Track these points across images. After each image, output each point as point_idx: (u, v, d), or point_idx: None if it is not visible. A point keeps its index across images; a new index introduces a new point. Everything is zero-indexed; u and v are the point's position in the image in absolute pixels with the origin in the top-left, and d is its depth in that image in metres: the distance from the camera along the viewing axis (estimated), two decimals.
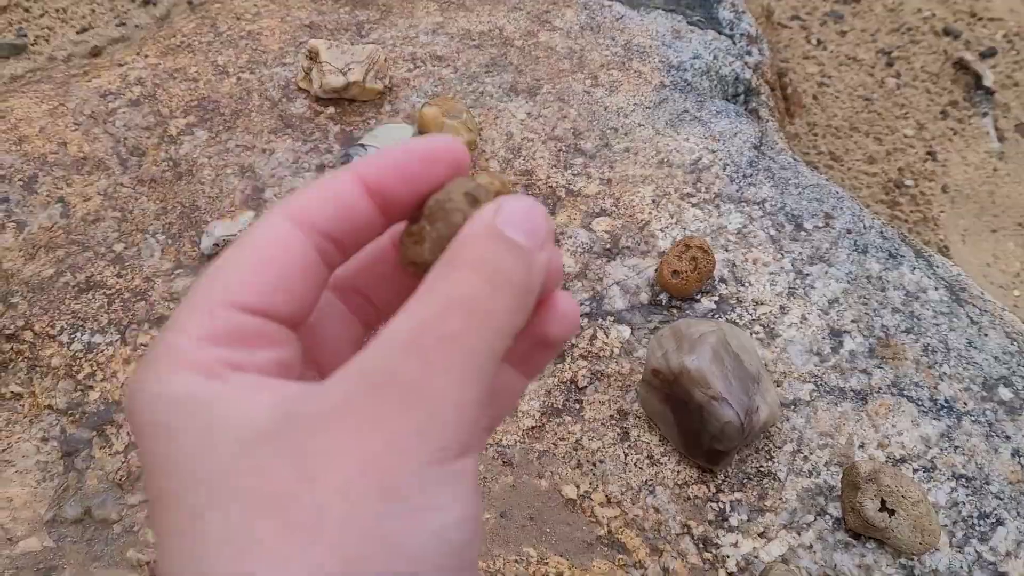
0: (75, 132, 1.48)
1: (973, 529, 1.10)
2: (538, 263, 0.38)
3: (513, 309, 0.37)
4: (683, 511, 1.12)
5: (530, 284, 0.38)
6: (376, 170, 0.42)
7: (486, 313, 0.36)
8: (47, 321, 1.25)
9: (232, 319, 0.38)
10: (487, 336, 0.36)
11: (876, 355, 1.25)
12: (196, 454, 0.35)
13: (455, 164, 0.43)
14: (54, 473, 1.13)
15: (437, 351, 0.34)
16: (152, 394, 0.36)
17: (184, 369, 0.36)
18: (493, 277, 0.37)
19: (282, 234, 0.40)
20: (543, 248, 0.39)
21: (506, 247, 0.38)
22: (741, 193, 1.45)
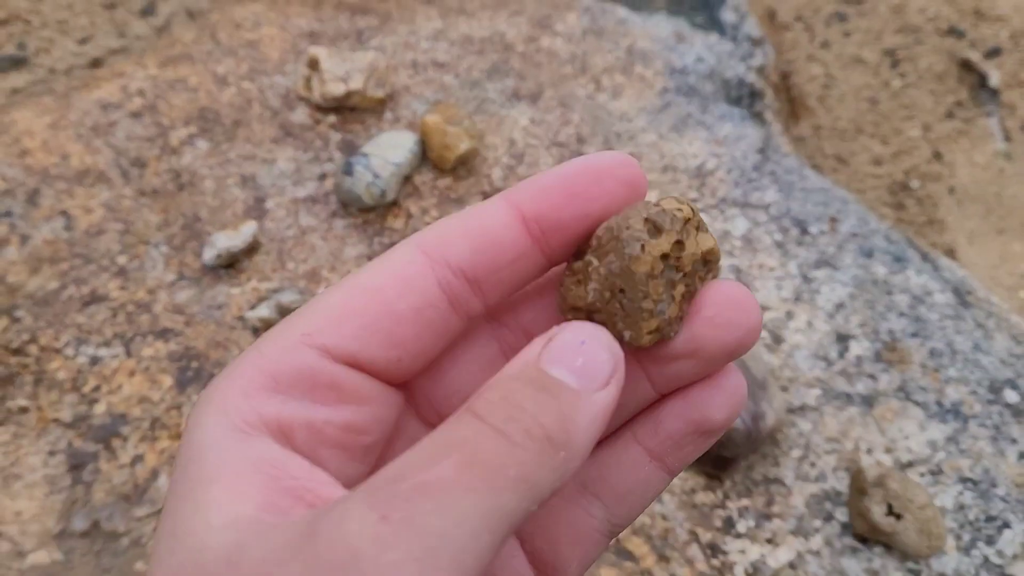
0: (77, 144, 1.48)
1: (980, 532, 1.09)
2: (590, 410, 0.32)
3: (545, 468, 0.30)
4: (690, 518, 1.11)
5: (576, 439, 0.31)
6: (531, 195, 0.36)
7: (496, 468, 0.29)
8: (52, 335, 1.25)
9: (304, 361, 0.34)
10: (492, 497, 0.29)
11: (882, 359, 1.25)
12: (176, 527, 0.32)
13: (631, 184, 0.37)
14: (62, 486, 1.13)
15: (402, 511, 0.28)
16: (191, 430, 0.34)
17: (218, 412, 0.34)
18: (519, 427, 0.30)
19: (401, 267, 0.36)
20: (604, 387, 0.32)
21: (546, 392, 0.31)
22: (746, 197, 1.45)
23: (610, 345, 0.33)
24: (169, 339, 1.25)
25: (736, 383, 0.37)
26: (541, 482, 0.30)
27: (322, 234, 1.38)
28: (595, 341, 0.32)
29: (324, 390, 0.34)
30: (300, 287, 1.31)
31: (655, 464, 0.39)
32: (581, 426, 0.31)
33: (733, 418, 0.37)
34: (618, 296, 0.36)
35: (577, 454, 0.31)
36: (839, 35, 2.20)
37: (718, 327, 0.36)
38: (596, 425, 0.32)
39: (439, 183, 1.44)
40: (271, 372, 0.34)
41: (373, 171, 1.36)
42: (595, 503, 0.39)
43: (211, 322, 1.27)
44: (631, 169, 0.37)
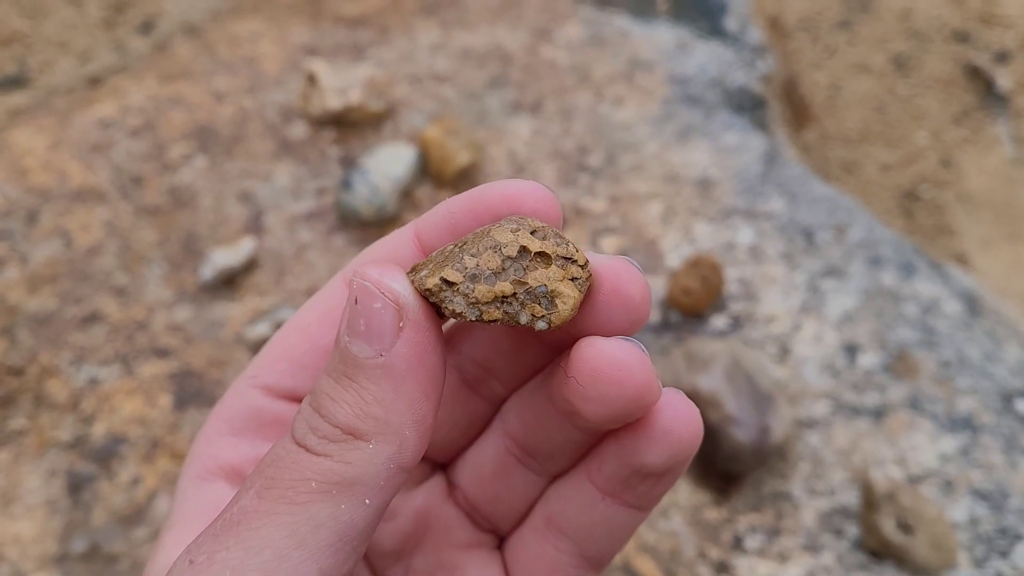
0: (76, 163, 1.47)
1: (993, 546, 1.07)
2: (391, 375, 0.31)
3: (356, 464, 0.30)
4: (699, 535, 1.09)
5: (386, 416, 0.31)
6: (427, 226, 0.36)
7: (295, 484, 0.30)
8: (51, 355, 1.24)
9: (251, 403, 0.37)
10: (296, 514, 0.30)
11: (891, 370, 1.22)
12: (146, 570, 0.34)
13: (522, 213, 0.35)
14: (61, 508, 1.12)
15: (207, 551, 0.30)
16: (180, 477, 0.37)
17: (190, 462, 0.36)
18: (317, 435, 0.31)
19: (325, 302, 0.37)
20: (396, 337, 0.31)
21: (344, 380, 0.31)
22: (751, 207, 1.43)
23: (384, 289, 0.31)
24: (168, 358, 1.24)
25: (668, 425, 0.34)
26: (359, 479, 0.30)
27: (321, 249, 1.36)
28: (365, 293, 0.31)
29: (270, 427, 0.36)
30: (299, 304, 1.29)
31: (611, 501, 0.37)
32: (388, 397, 0.31)
33: (677, 460, 0.34)
34: (451, 250, 0.34)
35: (395, 431, 0.31)
36: (844, 42, 2.19)
37: (587, 400, 0.33)
38: (410, 382, 0.31)
39: (440, 196, 1.43)
40: (227, 417, 0.36)
41: (372, 185, 1.35)
42: (561, 538, 0.39)
43: (209, 340, 1.26)
44: (526, 205, 0.35)
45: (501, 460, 0.40)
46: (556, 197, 0.35)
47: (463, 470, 0.42)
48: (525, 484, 0.40)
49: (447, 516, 0.42)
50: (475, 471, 0.41)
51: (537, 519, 0.40)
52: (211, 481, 0.36)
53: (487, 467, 0.41)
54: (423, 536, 0.41)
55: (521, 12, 1.83)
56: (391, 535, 0.41)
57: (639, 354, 0.32)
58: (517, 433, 0.40)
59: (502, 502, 0.41)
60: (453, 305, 0.33)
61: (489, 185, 0.35)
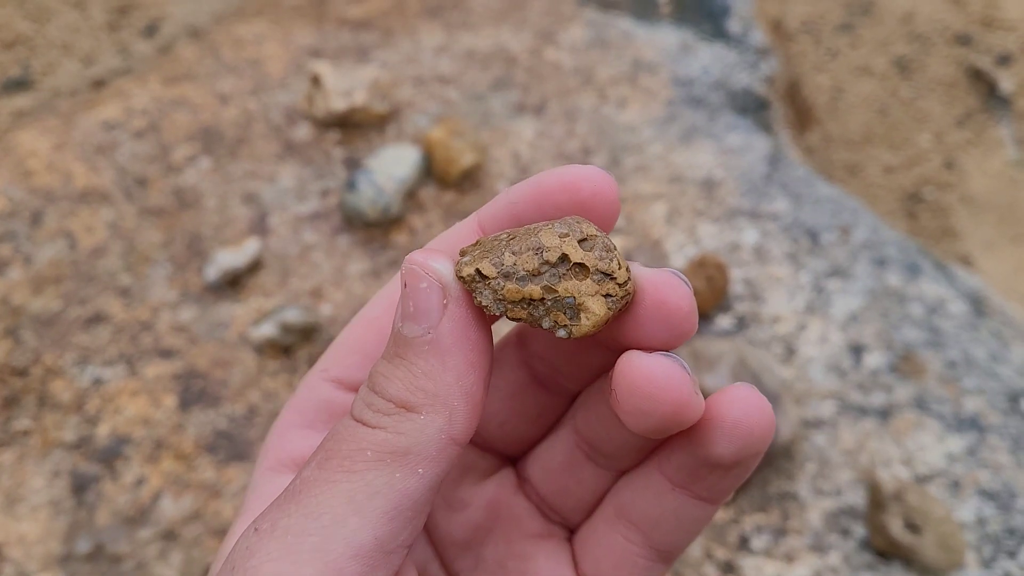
0: (80, 165, 1.47)
1: (1000, 546, 1.07)
2: (436, 351, 0.32)
3: (406, 434, 0.32)
4: (705, 535, 1.09)
5: (434, 389, 0.32)
6: (491, 215, 0.37)
7: (352, 454, 0.32)
8: (55, 355, 1.24)
9: (322, 396, 0.38)
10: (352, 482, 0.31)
11: (897, 370, 1.22)
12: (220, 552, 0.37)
13: (574, 206, 0.35)
14: (65, 508, 1.11)
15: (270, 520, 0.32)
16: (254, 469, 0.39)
17: (265, 452, 0.38)
18: (371, 410, 0.33)
19: (392, 294, 0.38)
20: (441, 314, 0.32)
21: (396, 359, 0.33)
22: (756, 208, 1.43)
23: (428, 271, 0.33)
24: (172, 359, 1.23)
25: (737, 418, 0.34)
26: (412, 448, 0.31)
27: (325, 251, 1.36)
28: (412, 276, 0.33)
29: (342, 417, 0.37)
30: (303, 304, 1.29)
31: (680, 492, 0.37)
32: (437, 370, 0.32)
33: (747, 452, 0.34)
34: (499, 240, 0.35)
35: (444, 402, 0.32)
36: (847, 45, 2.19)
37: (626, 413, 0.33)
38: (456, 354, 0.32)
39: (444, 198, 1.43)
40: (299, 410, 0.38)
41: (377, 186, 1.35)
42: (631, 529, 0.39)
43: (214, 341, 1.25)
44: (584, 189, 0.35)
45: (570, 454, 0.41)
46: (615, 183, 0.35)
47: (533, 464, 0.43)
48: (594, 478, 0.41)
49: (517, 507, 0.43)
50: (545, 464, 0.42)
51: (608, 510, 0.40)
52: (282, 473, 0.37)
53: (556, 461, 0.42)
54: (493, 527, 0.42)
55: (525, 14, 1.83)
56: (461, 525, 0.42)
57: (677, 371, 0.32)
58: (584, 430, 0.40)
59: (571, 495, 0.41)
60: (481, 297, 0.33)
61: (550, 172, 0.35)
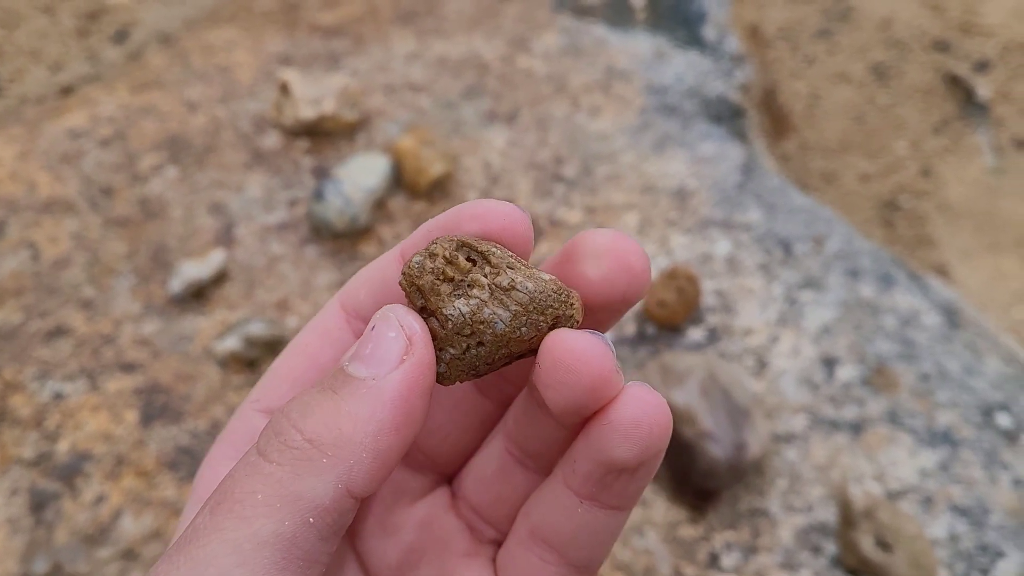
0: (45, 174, 1.45)
1: (973, 563, 1.05)
2: (376, 397, 0.31)
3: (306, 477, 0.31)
4: (674, 553, 1.07)
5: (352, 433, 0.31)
6: (412, 244, 0.37)
7: (243, 497, 0.30)
8: (15, 369, 1.21)
9: (254, 426, 0.38)
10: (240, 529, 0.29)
11: (870, 384, 1.21)
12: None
13: (496, 238, 0.35)
14: (23, 527, 1.09)
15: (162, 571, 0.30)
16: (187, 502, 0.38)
17: (196, 484, 0.38)
18: (277, 442, 0.31)
19: (322, 323, 0.38)
20: (396, 366, 0.32)
21: (327, 393, 0.32)
22: (728, 218, 1.41)
23: (401, 322, 0.32)
24: (134, 373, 1.21)
25: (631, 416, 0.33)
26: (304, 493, 0.30)
27: (292, 262, 1.34)
28: (385, 323, 0.32)
29: None
30: (269, 317, 1.27)
31: (589, 504, 0.36)
32: (361, 416, 0.31)
33: (648, 453, 0.34)
34: None
35: (351, 452, 0.31)
36: (824, 51, 2.18)
37: (547, 387, 0.33)
38: (388, 409, 0.31)
39: (413, 207, 1.41)
40: (231, 442, 0.37)
41: (344, 196, 1.33)
42: (546, 549, 0.38)
43: (177, 354, 1.23)
44: (495, 222, 0.35)
45: (502, 460, 0.41)
46: (526, 218, 0.35)
47: (467, 476, 0.42)
48: (525, 483, 0.40)
49: (448, 526, 0.42)
50: (478, 474, 0.42)
51: (521, 531, 0.39)
52: None
53: (489, 468, 0.41)
54: (426, 548, 0.41)
55: (498, 21, 1.82)
56: (395, 549, 0.41)
57: (600, 346, 0.33)
58: (512, 432, 0.40)
59: (505, 502, 0.41)
60: None
61: (464, 206, 0.35)
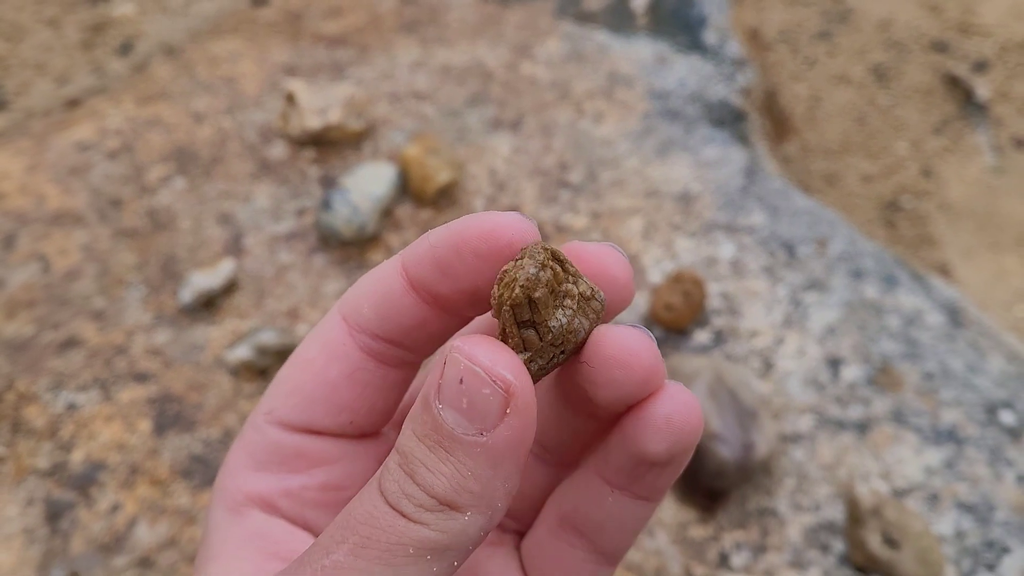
0: (53, 186, 1.46)
1: (980, 559, 1.06)
2: (489, 457, 0.31)
3: (449, 534, 0.31)
4: (684, 553, 1.08)
5: (481, 492, 0.31)
6: (414, 262, 0.36)
7: (392, 547, 0.30)
8: (29, 381, 1.22)
9: (270, 438, 0.38)
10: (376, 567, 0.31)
11: (875, 383, 1.22)
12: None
13: (496, 254, 0.35)
14: (39, 537, 1.10)
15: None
16: (207, 510, 0.38)
17: (218, 495, 0.37)
18: (413, 502, 0.31)
19: (326, 336, 0.38)
20: (497, 423, 0.31)
21: (439, 451, 0.31)
22: (732, 221, 1.43)
23: (495, 377, 0.31)
24: (147, 383, 1.22)
25: (665, 413, 0.34)
26: (452, 545, 0.31)
27: (301, 271, 1.35)
28: (473, 377, 0.31)
29: (293, 460, 0.37)
30: (279, 326, 1.28)
31: (620, 494, 0.37)
32: (484, 478, 0.31)
33: (680, 447, 0.35)
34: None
35: (488, 504, 0.31)
36: (824, 53, 2.19)
37: (597, 384, 0.35)
38: (504, 468, 0.31)
39: (420, 215, 1.42)
40: (249, 452, 0.37)
41: (352, 205, 1.34)
42: (576, 535, 0.40)
43: (189, 364, 1.24)
44: (503, 237, 0.35)
45: None
46: (534, 227, 0.35)
47: None
48: (545, 477, 0.42)
49: None
50: None
51: (551, 518, 0.40)
52: (244, 513, 0.37)
53: None
54: None
55: (501, 29, 1.83)
56: None
57: (646, 340, 0.35)
58: None
59: (524, 496, 0.42)
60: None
61: (469, 218, 0.35)
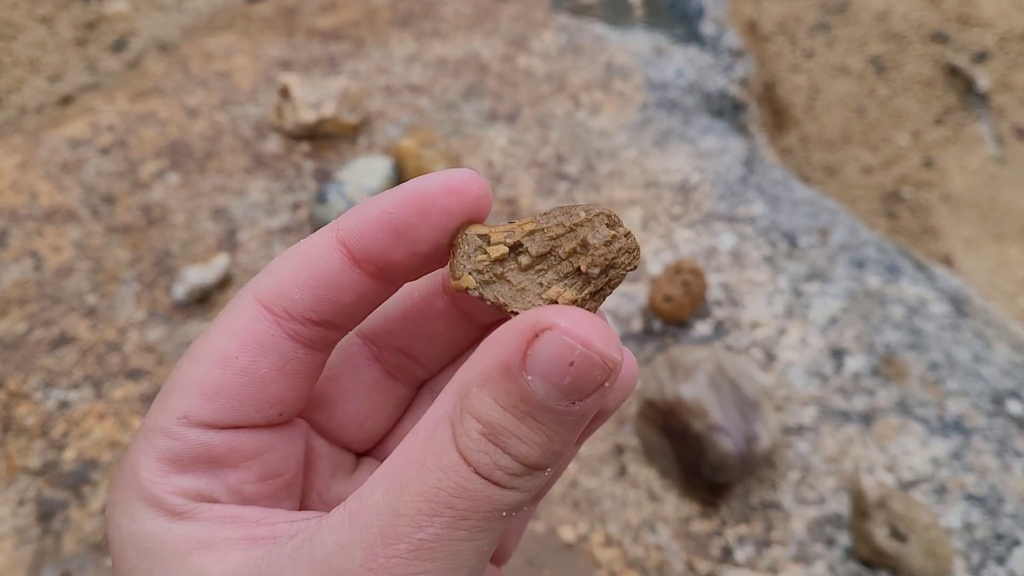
0: (46, 183, 1.44)
1: (989, 551, 1.05)
2: (577, 425, 0.31)
3: (529, 492, 0.32)
4: (686, 548, 1.07)
5: (561, 455, 0.32)
6: (358, 233, 0.35)
7: (489, 515, 0.31)
8: (20, 379, 1.21)
9: (192, 439, 0.35)
10: (486, 538, 0.32)
11: (879, 374, 1.20)
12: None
13: (463, 209, 0.34)
14: (31, 537, 1.09)
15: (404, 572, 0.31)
16: (124, 533, 0.34)
17: (147, 507, 0.34)
18: (506, 472, 0.31)
19: (248, 329, 0.35)
20: (592, 394, 0.31)
21: (529, 421, 0.31)
22: (732, 211, 1.41)
23: (609, 362, 0.30)
24: (140, 379, 1.21)
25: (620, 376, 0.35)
26: (526, 502, 0.32)
27: None
28: (586, 360, 0.30)
29: (224, 456, 0.35)
30: None
31: None
32: (569, 440, 0.31)
33: (622, 398, 0.38)
34: None
35: (565, 457, 0.33)
36: (823, 44, 2.18)
37: None
38: (578, 431, 0.32)
39: None
40: (166, 458, 0.34)
41: (347, 198, 1.33)
42: None
43: None
44: (471, 192, 0.34)
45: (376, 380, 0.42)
46: (486, 182, 0.35)
47: (390, 448, 0.43)
48: (396, 397, 0.42)
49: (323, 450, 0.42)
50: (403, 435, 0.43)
51: None
52: (196, 508, 0.34)
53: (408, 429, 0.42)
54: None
55: (497, 21, 1.81)
56: None
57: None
58: None
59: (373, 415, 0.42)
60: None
61: (423, 180, 0.34)
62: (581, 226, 0.35)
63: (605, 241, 0.35)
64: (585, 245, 0.35)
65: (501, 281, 0.35)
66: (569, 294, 0.35)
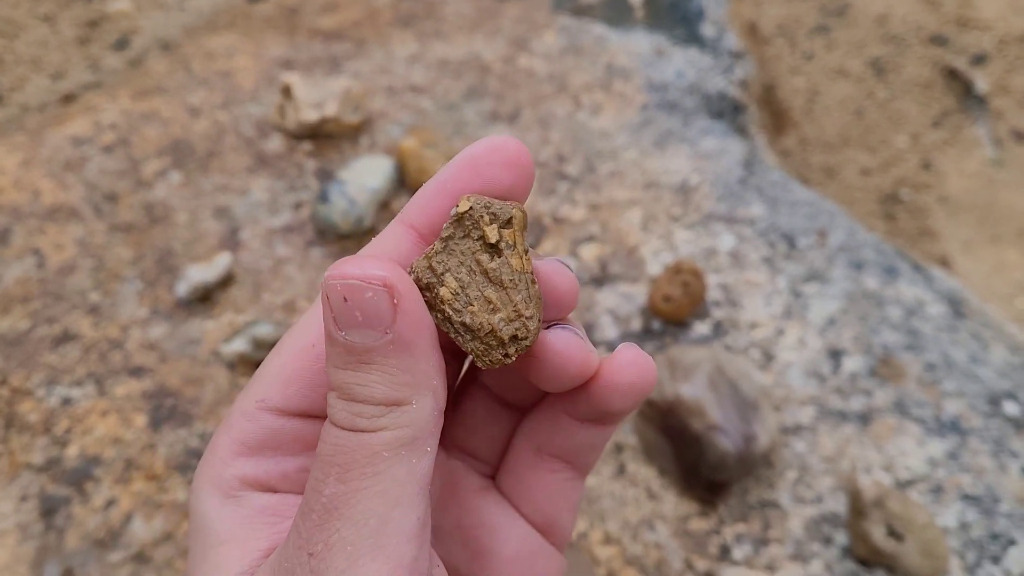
0: (48, 181, 1.45)
1: (984, 551, 1.05)
2: (394, 355, 0.34)
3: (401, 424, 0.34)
4: (685, 546, 1.07)
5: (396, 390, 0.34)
6: (420, 212, 0.38)
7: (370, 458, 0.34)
8: (23, 376, 1.21)
9: (265, 423, 0.38)
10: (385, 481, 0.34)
11: (877, 374, 1.21)
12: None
13: (511, 168, 0.37)
14: (34, 533, 1.09)
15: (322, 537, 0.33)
16: (191, 508, 0.38)
17: (210, 486, 0.38)
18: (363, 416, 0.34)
19: (321, 321, 0.38)
20: (392, 323, 0.34)
21: (352, 364, 0.34)
22: (732, 212, 1.42)
23: (371, 280, 0.33)
24: (142, 377, 1.21)
25: (632, 381, 0.39)
26: (417, 434, 0.34)
27: (298, 264, 1.34)
28: (353, 290, 0.33)
29: (290, 444, 0.38)
30: (276, 319, 1.27)
31: (588, 425, 0.42)
32: (408, 365, 0.34)
33: (638, 402, 0.40)
34: None
35: (425, 384, 0.34)
36: (822, 47, 2.18)
37: (545, 382, 0.40)
38: (420, 348, 0.34)
39: None
40: (240, 440, 0.38)
41: (349, 198, 1.33)
42: (554, 461, 0.45)
43: (185, 358, 1.23)
44: (508, 153, 0.37)
45: (487, 407, 0.46)
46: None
47: (455, 426, 0.46)
48: (510, 420, 0.46)
49: (455, 471, 0.46)
50: (466, 422, 0.46)
51: (525, 453, 0.45)
52: (243, 497, 0.38)
53: (478, 416, 0.46)
54: (441, 495, 0.45)
55: (498, 22, 1.82)
56: None
57: (576, 341, 0.38)
58: (491, 385, 0.46)
59: (493, 441, 0.46)
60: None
61: (472, 146, 0.37)
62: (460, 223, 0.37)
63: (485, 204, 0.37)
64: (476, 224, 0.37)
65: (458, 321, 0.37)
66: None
